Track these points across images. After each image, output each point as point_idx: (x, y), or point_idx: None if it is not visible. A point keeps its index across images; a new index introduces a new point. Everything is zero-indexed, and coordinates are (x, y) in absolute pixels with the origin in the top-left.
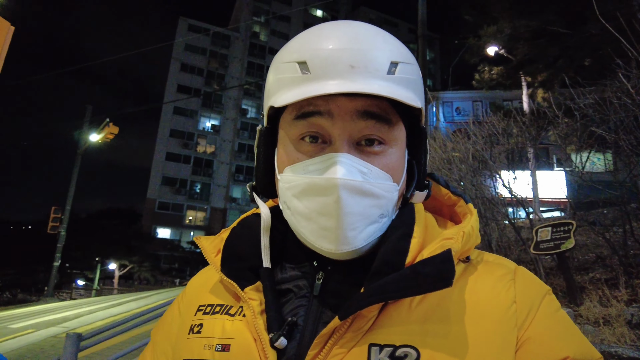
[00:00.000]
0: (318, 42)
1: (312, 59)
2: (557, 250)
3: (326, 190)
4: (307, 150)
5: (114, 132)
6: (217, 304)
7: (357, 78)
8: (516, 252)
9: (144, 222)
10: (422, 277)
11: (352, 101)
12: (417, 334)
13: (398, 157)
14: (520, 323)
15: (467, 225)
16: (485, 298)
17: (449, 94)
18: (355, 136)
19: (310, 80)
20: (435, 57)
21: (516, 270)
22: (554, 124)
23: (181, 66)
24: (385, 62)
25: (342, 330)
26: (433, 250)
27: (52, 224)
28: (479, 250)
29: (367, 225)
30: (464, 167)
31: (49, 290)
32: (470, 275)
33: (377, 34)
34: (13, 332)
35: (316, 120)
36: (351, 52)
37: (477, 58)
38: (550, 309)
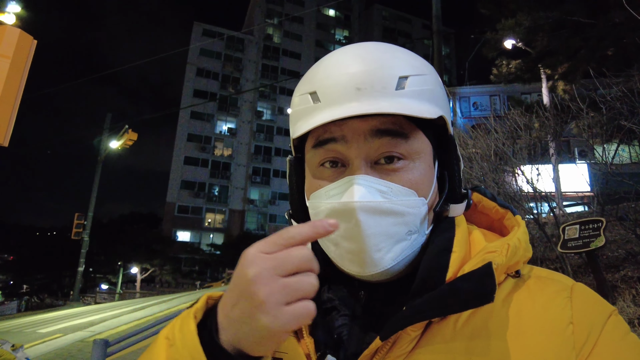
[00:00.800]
0: (326, 70)
1: (321, 88)
2: (586, 248)
3: (345, 214)
4: (328, 176)
5: (133, 138)
6: None
7: (364, 99)
8: (541, 249)
9: (164, 225)
10: (461, 293)
11: (364, 122)
12: (462, 354)
13: (422, 170)
14: (579, 346)
15: (512, 238)
16: (537, 315)
17: (466, 89)
18: (372, 155)
19: (321, 108)
20: (450, 52)
21: (573, 287)
22: (577, 117)
23: (197, 71)
24: (392, 78)
25: (384, 350)
26: (474, 264)
27: (76, 229)
28: (530, 265)
29: (394, 245)
30: (485, 164)
31: (75, 295)
32: (520, 292)
33: (385, 52)
34: (42, 336)
35: (333, 146)
36: (357, 75)
37: (495, 52)
38: (618, 332)
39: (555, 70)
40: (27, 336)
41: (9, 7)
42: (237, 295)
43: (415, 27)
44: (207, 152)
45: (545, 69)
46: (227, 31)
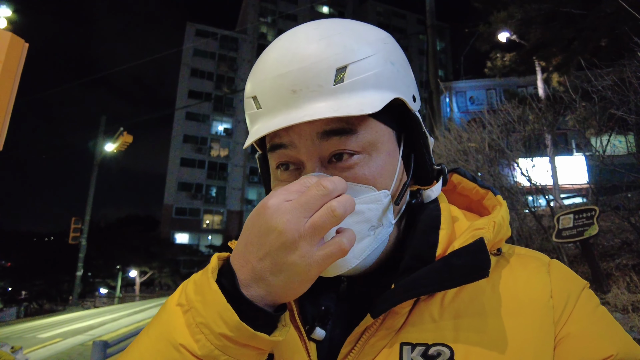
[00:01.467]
0: (262, 71)
1: (259, 93)
2: (580, 237)
3: None
4: (284, 178)
5: (128, 140)
6: None
7: (300, 104)
8: (538, 241)
9: (162, 228)
10: (456, 268)
11: (310, 125)
12: (450, 331)
13: (380, 162)
14: (557, 318)
15: (497, 216)
16: (520, 291)
17: (462, 83)
18: (325, 155)
19: (263, 115)
20: (446, 46)
21: (550, 264)
22: (570, 109)
23: (191, 72)
24: (329, 72)
25: (374, 328)
26: (464, 240)
27: (73, 234)
28: (509, 244)
29: (357, 243)
30: (480, 157)
31: (74, 299)
32: (503, 269)
33: (320, 39)
34: (42, 341)
35: (282, 152)
36: (291, 74)
37: (488, 45)
38: (590, 304)
39: (550, 62)
40: (27, 341)
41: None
42: (264, 247)
43: (410, 23)
44: (203, 153)
45: (540, 61)
46: (220, 31)
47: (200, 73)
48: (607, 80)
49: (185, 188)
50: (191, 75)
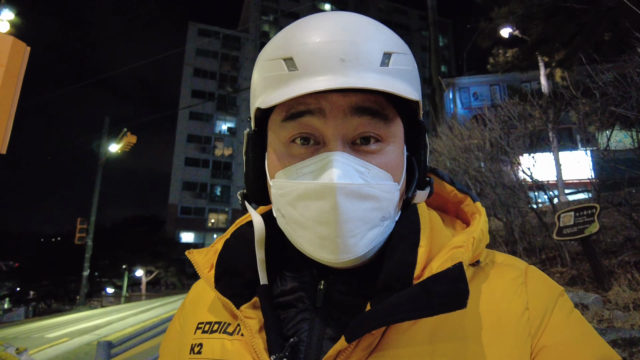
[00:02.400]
0: (305, 35)
1: (299, 54)
2: (581, 235)
3: (322, 195)
4: (300, 153)
5: (132, 141)
6: (215, 322)
7: (349, 72)
8: (540, 238)
9: (168, 227)
10: (434, 296)
11: (345, 97)
12: (426, 352)
13: (397, 155)
14: (534, 331)
15: (476, 230)
16: (496, 307)
17: (465, 79)
18: (350, 134)
19: (299, 77)
20: (448, 42)
21: (527, 272)
22: (571, 105)
23: (194, 71)
24: (378, 53)
25: (349, 351)
26: (443, 262)
27: (79, 234)
28: (487, 250)
29: (368, 231)
30: (481, 154)
31: (81, 299)
32: (480, 281)
33: (368, 24)
34: (49, 341)
35: (307, 120)
36: (341, 44)
37: (490, 41)
38: (565, 312)
39: (552, 57)
40: (35, 341)
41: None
42: None
43: (412, 19)
44: (207, 153)
45: (543, 57)
46: (222, 30)
47: (203, 73)
48: (608, 76)
49: (190, 187)
50: (194, 75)
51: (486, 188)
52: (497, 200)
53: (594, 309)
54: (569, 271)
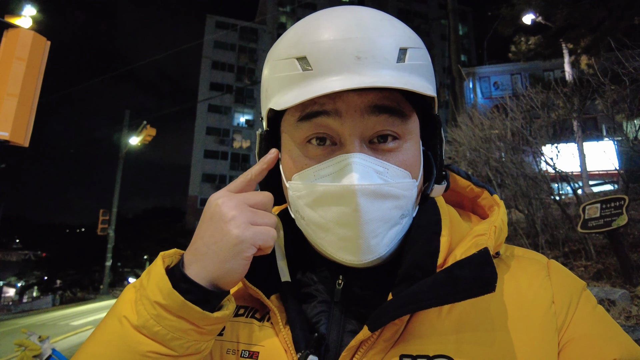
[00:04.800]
0: (318, 32)
1: (313, 53)
2: (608, 227)
3: (343, 198)
4: (316, 154)
5: (151, 134)
6: (240, 306)
7: (365, 70)
8: (563, 230)
9: (188, 218)
10: (460, 281)
11: (361, 96)
12: (452, 342)
13: (414, 152)
14: (560, 324)
15: (497, 219)
16: (523, 298)
17: (486, 68)
18: (367, 134)
19: (313, 77)
20: (468, 31)
21: (549, 265)
22: (598, 92)
23: (212, 64)
24: (393, 49)
25: (371, 341)
26: (467, 249)
27: (102, 225)
28: (506, 244)
29: (389, 230)
30: (502, 144)
31: (104, 289)
32: (504, 274)
33: (382, 19)
34: (74, 328)
35: (323, 120)
36: (356, 41)
37: (511, 29)
38: (589, 306)
39: (578, 44)
40: (61, 328)
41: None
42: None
43: (432, 7)
44: (226, 145)
45: (567, 44)
46: (240, 22)
47: (221, 65)
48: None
49: (209, 179)
50: (212, 67)
51: (507, 179)
52: (519, 191)
53: (622, 304)
54: (594, 265)
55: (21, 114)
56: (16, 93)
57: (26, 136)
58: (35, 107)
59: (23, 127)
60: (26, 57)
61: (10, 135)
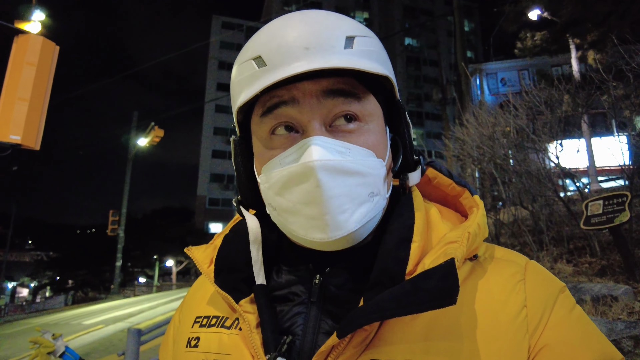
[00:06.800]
0: (269, 35)
1: (266, 51)
2: (610, 224)
3: (304, 176)
4: (280, 144)
5: (159, 135)
6: (213, 316)
7: (314, 58)
8: (569, 227)
9: (197, 218)
10: (422, 293)
11: (316, 83)
12: (420, 349)
13: (377, 133)
14: (532, 329)
15: (472, 224)
16: (493, 304)
17: (492, 64)
18: (327, 117)
19: (268, 72)
20: (475, 27)
21: (527, 267)
22: (601, 89)
23: (219, 64)
24: (340, 38)
25: (342, 346)
26: (436, 258)
27: (112, 226)
28: (487, 244)
29: (358, 207)
30: (505, 141)
31: (115, 288)
32: (477, 277)
33: (328, 15)
34: (86, 327)
35: (282, 110)
36: (303, 35)
37: (516, 25)
38: (565, 309)
39: (584, 39)
40: (73, 327)
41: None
42: None
43: (437, 4)
44: None
45: (574, 39)
46: (246, 22)
47: (227, 65)
48: None
49: (218, 179)
50: (219, 67)
51: (512, 176)
52: (523, 188)
53: (624, 300)
54: (598, 261)
55: (32, 117)
56: (27, 97)
57: (37, 139)
58: (46, 110)
59: (34, 131)
60: (36, 62)
61: (22, 139)
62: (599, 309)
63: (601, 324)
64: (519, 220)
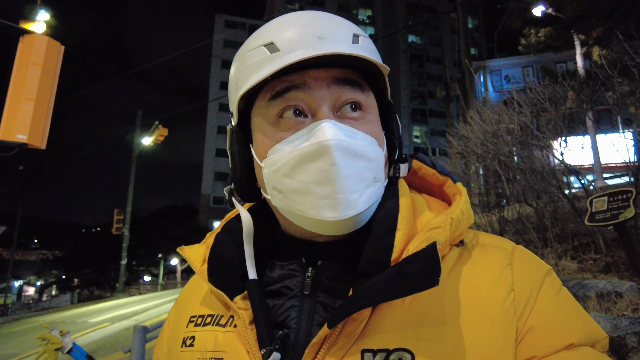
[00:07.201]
0: (283, 25)
1: (279, 38)
2: (614, 220)
3: (319, 154)
4: (289, 126)
5: (163, 134)
6: (207, 314)
7: (327, 46)
8: (574, 224)
9: (201, 217)
10: (407, 276)
11: (326, 71)
12: (412, 336)
13: (376, 125)
14: (520, 312)
15: (455, 210)
16: (480, 290)
17: (496, 61)
18: (335, 104)
19: (281, 56)
20: (479, 24)
21: (514, 252)
22: (605, 85)
23: (222, 63)
24: (349, 33)
25: (334, 337)
26: (419, 243)
27: (116, 225)
28: (474, 231)
29: (365, 189)
30: (509, 138)
31: (120, 287)
32: (465, 263)
33: (335, 15)
34: (92, 325)
35: (293, 94)
36: (316, 26)
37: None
38: (552, 291)
39: (589, 35)
40: (79, 325)
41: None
42: None
43: (441, 1)
44: None
45: (578, 35)
46: (249, 20)
47: (231, 64)
48: None
49: (222, 178)
50: (222, 66)
51: (516, 173)
52: (527, 185)
53: (629, 297)
54: (603, 258)
55: (38, 117)
56: (32, 97)
57: (43, 139)
58: (51, 110)
59: (40, 130)
60: (41, 62)
61: (28, 138)
62: (603, 305)
63: (605, 320)
64: (523, 217)
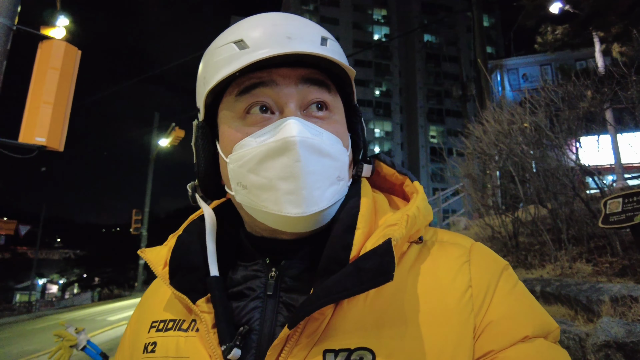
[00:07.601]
0: (252, 24)
1: (249, 36)
2: (629, 222)
3: (284, 150)
4: (256, 122)
5: (180, 135)
6: (169, 319)
7: (295, 45)
8: (589, 226)
9: None
10: (363, 273)
11: (295, 70)
12: (373, 335)
13: (342, 126)
14: (477, 308)
15: (411, 207)
16: (438, 287)
17: (513, 60)
18: (302, 102)
19: (250, 52)
20: (495, 22)
21: (471, 249)
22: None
23: None
24: (317, 35)
25: (296, 337)
26: (376, 240)
27: (135, 225)
28: (434, 229)
29: (329, 187)
30: (521, 138)
31: (138, 286)
32: (424, 260)
33: (304, 18)
34: (110, 323)
35: (261, 90)
36: (286, 26)
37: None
38: (508, 286)
39: (608, 31)
40: (99, 323)
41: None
42: None
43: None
44: None
45: (597, 32)
46: None
47: None
48: None
49: None
50: None
51: (531, 174)
52: (541, 186)
53: None
54: (619, 261)
55: (56, 120)
56: (51, 101)
57: (61, 141)
58: (69, 113)
59: (58, 133)
60: (59, 66)
61: (47, 141)
62: (617, 310)
63: (619, 325)
64: (538, 219)
